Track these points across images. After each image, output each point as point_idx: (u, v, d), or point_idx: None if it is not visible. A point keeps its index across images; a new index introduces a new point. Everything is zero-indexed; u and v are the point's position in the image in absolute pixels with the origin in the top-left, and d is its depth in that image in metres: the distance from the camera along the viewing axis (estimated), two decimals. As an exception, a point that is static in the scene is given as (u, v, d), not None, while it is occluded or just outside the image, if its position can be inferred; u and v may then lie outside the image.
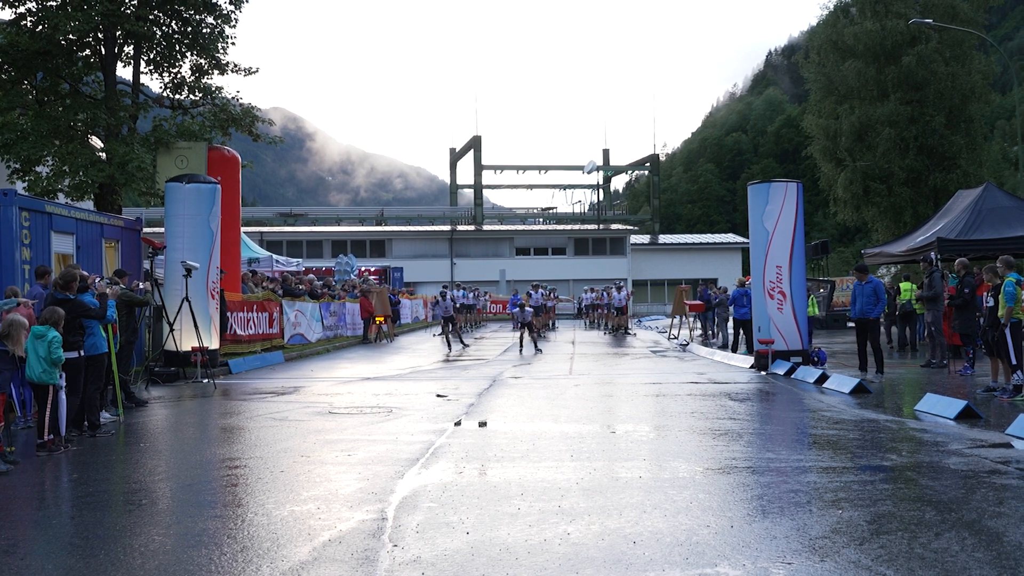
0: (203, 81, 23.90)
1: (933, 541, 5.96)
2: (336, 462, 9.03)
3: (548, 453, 9.37)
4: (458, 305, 38.77)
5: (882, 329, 21.86)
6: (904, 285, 23.08)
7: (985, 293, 14.23)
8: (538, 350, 25.89)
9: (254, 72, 24.81)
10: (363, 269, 46.01)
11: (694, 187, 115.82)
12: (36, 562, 5.82)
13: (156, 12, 22.84)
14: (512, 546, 5.94)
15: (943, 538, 6.03)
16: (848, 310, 36.11)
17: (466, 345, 28.91)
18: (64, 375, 10.29)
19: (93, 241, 16.51)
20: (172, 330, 17.34)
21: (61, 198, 20.89)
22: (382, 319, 32.43)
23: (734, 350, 23.28)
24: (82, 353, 10.85)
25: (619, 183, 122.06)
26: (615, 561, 5.60)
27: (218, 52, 23.65)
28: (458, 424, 11.53)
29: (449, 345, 27.68)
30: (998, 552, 5.71)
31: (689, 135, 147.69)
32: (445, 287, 37.83)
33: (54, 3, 21.28)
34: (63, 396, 10.14)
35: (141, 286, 14.84)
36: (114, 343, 12.05)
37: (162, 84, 24.00)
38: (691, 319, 31.78)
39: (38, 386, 9.88)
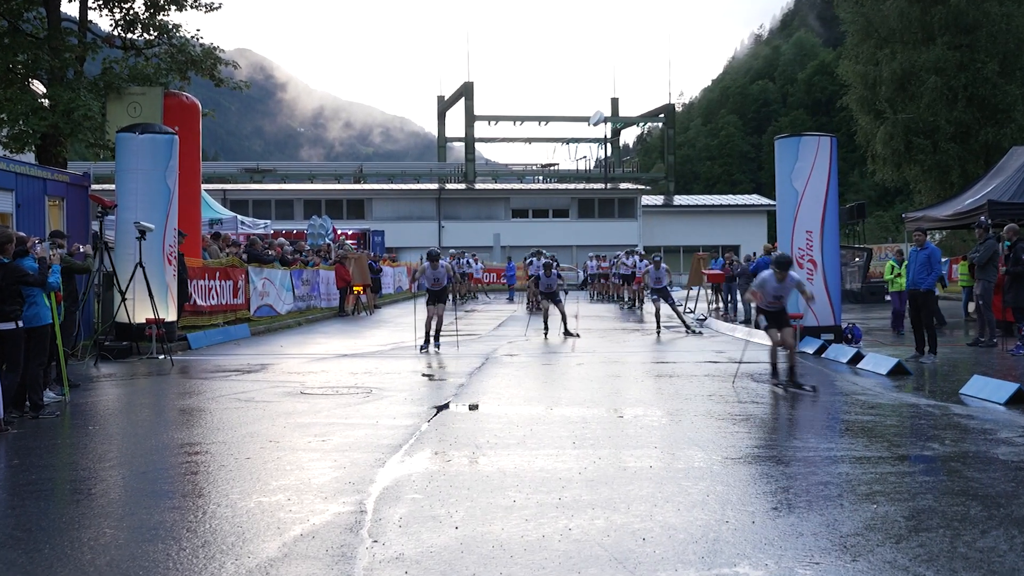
0: (159, 18, 23.79)
1: (978, 539, 5.99)
2: (309, 448, 9.06)
3: (547, 440, 9.40)
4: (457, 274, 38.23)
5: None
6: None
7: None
8: (572, 335, 22.02)
9: (216, 8, 24.65)
10: (339, 232, 45.94)
11: (714, 142, 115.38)
12: (-28, 558, 5.84)
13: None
14: (506, 542, 5.97)
15: (989, 536, 6.06)
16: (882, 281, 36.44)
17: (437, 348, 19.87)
18: None
19: (35, 198, 16.47)
20: (124, 300, 17.32)
21: (-2, 150, 20.84)
22: (360, 289, 32.39)
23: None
24: (21, 324, 10.80)
25: (629, 137, 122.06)
26: (622, 559, 5.63)
27: (176, -16, 23.51)
28: (446, 407, 11.57)
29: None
30: (1051, 552, 5.74)
31: (709, 83, 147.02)
32: (440, 251, 29.23)
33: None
34: None
35: (82, 250, 14.79)
36: (59, 313, 12.01)
37: (112, 21, 23.88)
38: (709, 291, 31.78)
39: None
